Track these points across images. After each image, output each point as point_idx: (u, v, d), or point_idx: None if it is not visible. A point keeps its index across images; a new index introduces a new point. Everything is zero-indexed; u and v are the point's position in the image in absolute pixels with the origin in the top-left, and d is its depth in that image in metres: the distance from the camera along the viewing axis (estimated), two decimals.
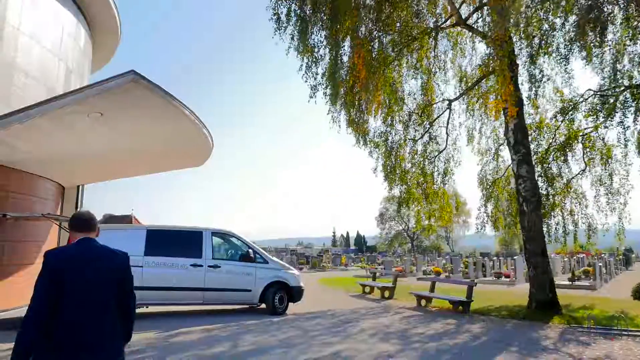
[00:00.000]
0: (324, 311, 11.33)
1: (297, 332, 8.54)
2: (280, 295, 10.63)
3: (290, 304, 10.94)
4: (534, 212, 10.93)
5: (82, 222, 2.66)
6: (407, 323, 9.68)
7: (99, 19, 14.21)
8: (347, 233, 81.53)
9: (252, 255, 10.55)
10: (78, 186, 14.01)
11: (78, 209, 14.33)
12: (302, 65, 11.90)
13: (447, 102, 13.97)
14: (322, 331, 8.61)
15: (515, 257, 24.33)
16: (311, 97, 12.24)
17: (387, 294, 14.45)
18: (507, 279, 21.50)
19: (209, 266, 10.11)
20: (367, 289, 15.80)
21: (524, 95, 11.54)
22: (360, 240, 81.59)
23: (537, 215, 10.92)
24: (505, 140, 11.96)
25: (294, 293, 10.84)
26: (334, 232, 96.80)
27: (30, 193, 11.13)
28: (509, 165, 14.56)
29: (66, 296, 2.34)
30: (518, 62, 11.47)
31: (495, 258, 30.61)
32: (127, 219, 20.53)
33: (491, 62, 11.02)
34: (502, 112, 9.82)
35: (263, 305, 10.66)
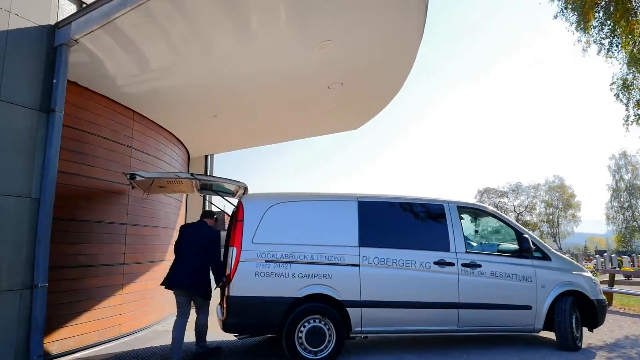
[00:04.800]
0: (623, 340, 6.61)
1: None
2: (575, 316, 6.03)
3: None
4: None
5: (204, 214, 5.57)
6: None
7: None
8: None
9: (529, 246, 6.01)
10: (206, 156, 10.29)
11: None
12: None
13: None
14: None
15: None
16: None
17: None
18: None
19: (464, 265, 5.73)
20: None
21: None
22: None
23: None
24: None
25: (597, 311, 6.17)
26: None
27: (156, 154, 7.42)
28: None
29: (179, 247, 5.30)
30: None
31: None
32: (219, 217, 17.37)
33: None
34: None
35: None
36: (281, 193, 5.78)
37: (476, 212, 6.47)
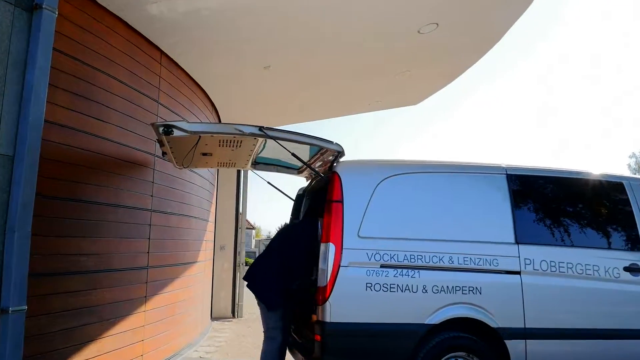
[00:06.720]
0: None
1: None
2: None
3: None
4: None
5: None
6: None
7: None
8: None
9: None
10: None
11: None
12: None
13: None
14: None
15: None
16: None
17: None
18: None
19: None
20: None
21: None
22: None
23: None
24: None
25: None
26: None
27: (189, 118, 5.50)
28: None
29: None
30: None
31: None
32: None
33: None
34: None
35: None
36: (395, 161, 3.84)
37: None
